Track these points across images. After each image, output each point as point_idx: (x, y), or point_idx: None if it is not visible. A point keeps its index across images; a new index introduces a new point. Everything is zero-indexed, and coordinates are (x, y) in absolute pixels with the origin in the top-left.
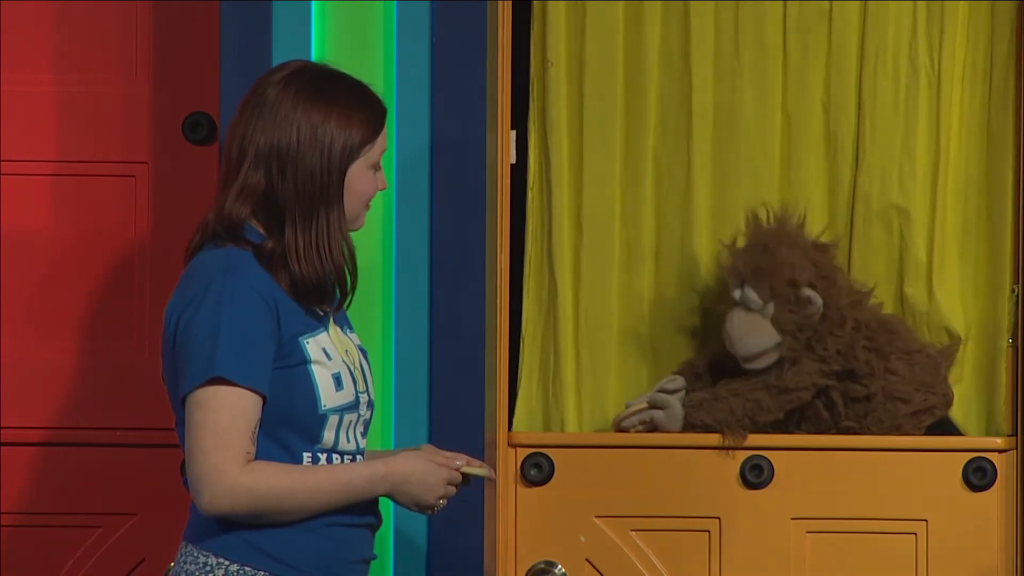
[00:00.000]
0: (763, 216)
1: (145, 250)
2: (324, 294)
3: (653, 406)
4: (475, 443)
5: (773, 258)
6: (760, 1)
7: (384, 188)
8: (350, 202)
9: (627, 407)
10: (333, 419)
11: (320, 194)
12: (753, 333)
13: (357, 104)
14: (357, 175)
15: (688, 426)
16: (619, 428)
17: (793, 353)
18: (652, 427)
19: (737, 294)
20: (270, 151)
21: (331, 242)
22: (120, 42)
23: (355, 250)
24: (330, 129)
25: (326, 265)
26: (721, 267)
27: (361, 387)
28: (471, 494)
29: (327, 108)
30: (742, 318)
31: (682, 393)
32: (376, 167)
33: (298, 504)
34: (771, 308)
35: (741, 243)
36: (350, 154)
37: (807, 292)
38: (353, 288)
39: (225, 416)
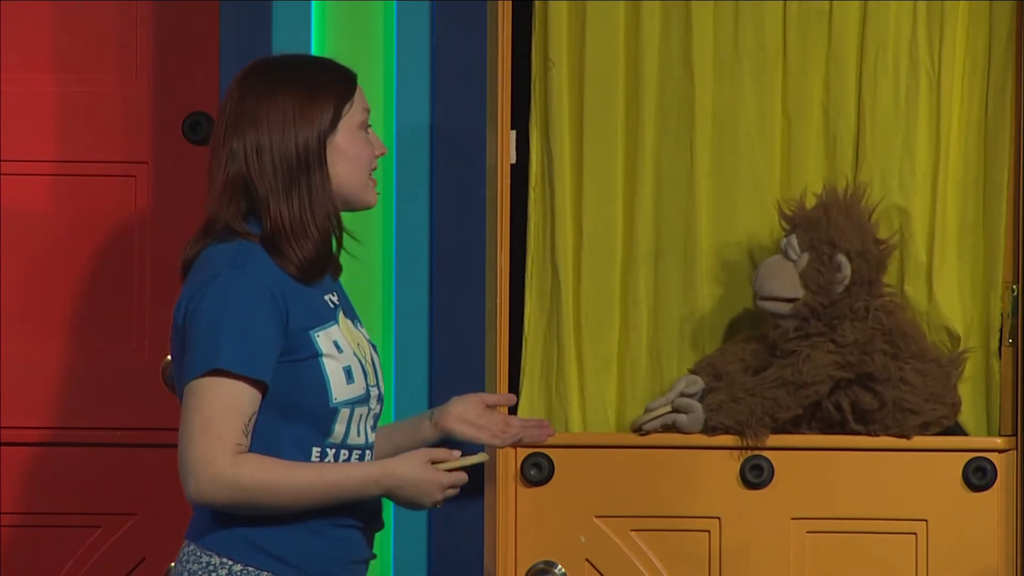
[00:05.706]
0: (840, 186)
1: (145, 250)
2: (325, 263)
3: (677, 410)
4: (475, 443)
5: (826, 217)
6: (760, 1)
7: (384, 152)
8: (349, 168)
9: (647, 410)
10: (344, 412)
11: (298, 166)
12: (779, 277)
13: (317, 76)
14: (345, 140)
15: (708, 428)
16: (640, 432)
17: (805, 324)
18: (672, 430)
19: (783, 242)
20: (244, 147)
21: (313, 207)
22: (120, 42)
23: (341, 218)
24: (296, 108)
25: (311, 232)
26: (781, 216)
27: (372, 381)
28: (472, 495)
29: (287, 89)
30: (777, 261)
31: (700, 395)
32: (364, 127)
33: (284, 500)
34: (804, 260)
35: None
36: (326, 126)
37: (840, 258)
38: (339, 251)
39: (217, 405)
